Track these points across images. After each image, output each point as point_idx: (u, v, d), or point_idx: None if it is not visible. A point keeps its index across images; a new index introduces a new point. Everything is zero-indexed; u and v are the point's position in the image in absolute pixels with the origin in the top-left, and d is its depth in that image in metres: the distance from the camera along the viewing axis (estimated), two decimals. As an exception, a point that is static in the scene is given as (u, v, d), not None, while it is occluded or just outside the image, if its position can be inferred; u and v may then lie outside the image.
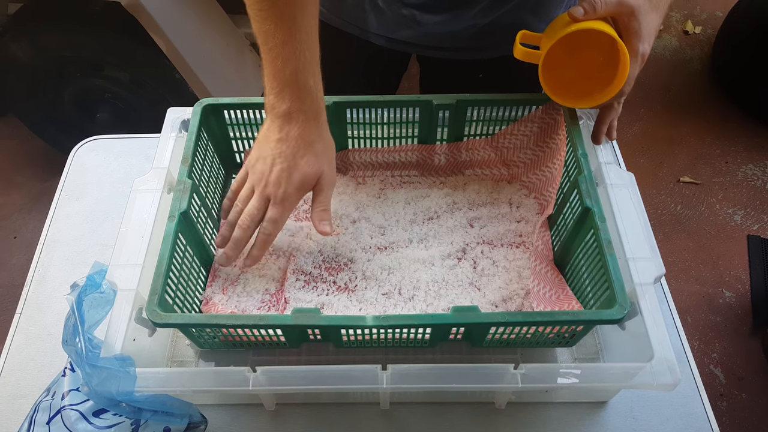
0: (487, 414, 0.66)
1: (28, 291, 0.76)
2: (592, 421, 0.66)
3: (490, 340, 0.63)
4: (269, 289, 0.68)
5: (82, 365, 0.54)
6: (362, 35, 0.84)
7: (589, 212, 0.62)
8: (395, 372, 0.56)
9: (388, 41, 0.83)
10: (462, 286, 0.68)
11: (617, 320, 0.55)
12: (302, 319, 0.55)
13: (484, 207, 0.75)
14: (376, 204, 0.76)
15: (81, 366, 0.54)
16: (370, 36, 0.84)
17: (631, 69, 0.62)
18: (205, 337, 0.61)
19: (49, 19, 1.47)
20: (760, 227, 1.73)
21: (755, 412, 1.40)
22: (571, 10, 0.61)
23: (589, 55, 0.69)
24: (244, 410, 0.66)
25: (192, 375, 0.57)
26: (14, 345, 0.72)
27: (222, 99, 0.72)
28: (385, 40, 0.83)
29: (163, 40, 1.40)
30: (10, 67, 1.55)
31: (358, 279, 0.68)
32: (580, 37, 0.61)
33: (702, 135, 1.96)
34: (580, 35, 0.60)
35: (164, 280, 0.57)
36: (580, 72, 0.69)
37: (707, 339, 1.52)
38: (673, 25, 2.29)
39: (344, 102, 0.72)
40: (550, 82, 0.65)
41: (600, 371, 0.57)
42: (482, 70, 0.87)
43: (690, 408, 0.67)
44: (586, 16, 0.60)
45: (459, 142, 0.77)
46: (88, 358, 0.55)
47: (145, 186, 0.67)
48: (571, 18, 0.61)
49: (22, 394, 0.68)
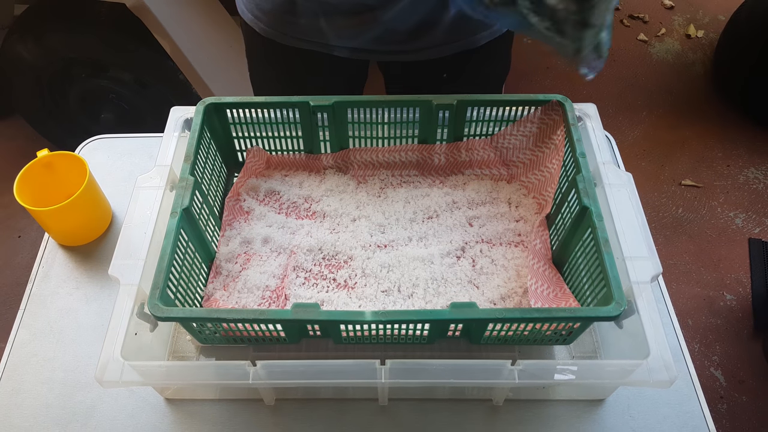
0: (484, 411, 0.67)
1: (31, 287, 0.77)
2: (589, 419, 0.66)
3: (488, 337, 0.63)
4: (270, 285, 0.68)
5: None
6: (321, 49, 0.82)
7: (586, 211, 0.63)
8: (394, 367, 0.56)
9: (349, 51, 0.82)
10: (461, 284, 0.69)
11: (614, 317, 0.56)
12: (302, 313, 0.56)
13: (484, 206, 0.76)
14: (376, 203, 0.77)
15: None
16: (331, 49, 0.82)
17: None
18: (206, 331, 0.62)
19: (55, 20, 1.49)
20: (761, 230, 1.73)
21: (756, 415, 1.40)
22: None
23: None
24: (244, 405, 0.67)
25: (193, 369, 0.58)
26: (17, 340, 0.73)
27: (224, 98, 0.73)
28: (347, 50, 0.82)
29: (167, 41, 1.41)
30: (15, 68, 1.56)
31: (357, 276, 0.69)
32: None
33: (704, 138, 1.96)
34: None
35: (166, 275, 0.58)
36: None
37: (708, 342, 1.52)
38: (675, 28, 2.30)
39: (345, 102, 0.73)
40: None
41: (597, 368, 0.57)
42: (446, 69, 0.86)
43: (687, 406, 0.67)
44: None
45: (459, 142, 0.78)
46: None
47: (147, 183, 0.68)
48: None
49: (24, 389, 0.69)
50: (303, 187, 0.79)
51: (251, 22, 0.84)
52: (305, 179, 0.79)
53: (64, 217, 0.76)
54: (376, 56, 0.84)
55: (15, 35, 1.51)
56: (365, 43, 0.80)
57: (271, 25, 0.82)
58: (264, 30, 0.83)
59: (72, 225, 0.78)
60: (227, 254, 0.71)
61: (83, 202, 0.76)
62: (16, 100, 1.68)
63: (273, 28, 0.82)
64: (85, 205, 0.77)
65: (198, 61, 1.46)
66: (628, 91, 2.07)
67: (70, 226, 0.78)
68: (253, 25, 0.84)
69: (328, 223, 0.75)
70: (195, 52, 1.46)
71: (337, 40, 0.81)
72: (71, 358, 0.71)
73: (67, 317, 0.74)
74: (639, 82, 2.12)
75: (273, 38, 0.83)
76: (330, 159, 0.79)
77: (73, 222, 0.78)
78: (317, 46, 0.82)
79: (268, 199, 0.78)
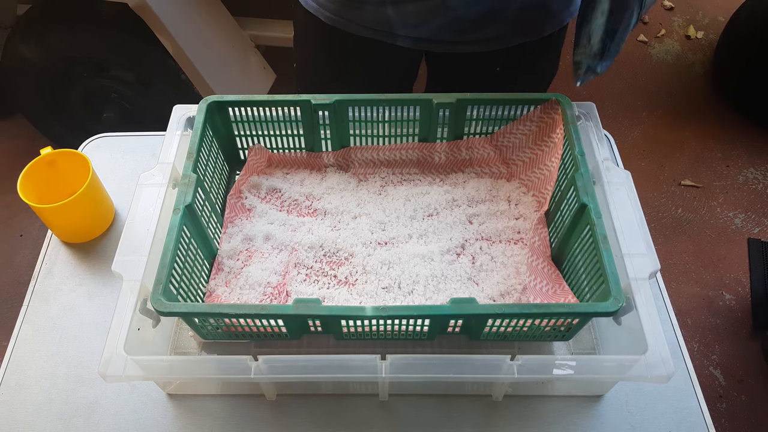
0: (484, 406, 0.67)
1: (35, 284, 0.78)
2: (588, 415, 0.67)
3: (487, 333, 0.64)
4: (271, 282, 0.69)
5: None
6: (385, 38, 0.83)
7: (585, 208, 0.63)
8: (394, 362, 0.57)
9: (413, 41, 0.82)
10: (461, 280, 0.69)
11: (612, 313, 0.56)
12: (303, 308, 0.56)
13: (483, 204, 0.77)
14: (376, 200, 0.77)
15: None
16: (395, 38, 0.82)
17: None
18: (208, 327, 0.63)
19: (58, 20, 1.49)
20: (760, 230, 1.73)
21: (754, 414, 1.41)
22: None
23: None
24: (246, 400, 0.67)
25: (195, 363, 0.58)
26: (21, 336, 0.73)
27: (227, 96, 0.74)
28: (411, 40, 0.82)
29: (169, 41, 1.42)
30: (18, 68, 1.57)
31: (358, 273, 0.70)
32: None
33: (703, 138, 1.97)
34: None
35: (169, 270, 0.58)
36: None
37: (707, 341, 1.53)
38: (675, 29, 2.30)
39: (346, 100, 0.74)
40: None
41: (595, 363, 0.58)
42: (500, 63, 0.86)
43: (685, 402, 0.68)
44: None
45: (459, 140, 0.79)
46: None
47: (150, 180, 0.69)
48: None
49: (28, 384, 0.69)
50: (304, 184, 0.79)
51: (315, 11, 0.84)
52: (306, 177, 0.80)
53: (67, 214, 0.77)
54: (440, 47, 0.83)
55: (17, 35, 1.51)
56: (430, 32, 0.80)
57: (336, 12, 0.82)
58: (329, 18, 0.83)
59: (75, 222, 0.79)
60: (229, 251, 0.71)
61: (86, 199, 0.76)
62: (18, 99, 1.69)
63: (338, 15, 0.83)
64: (88, 202, 0.77)
65: (200, 61, 1.47)
66: (627, 92, 2.08)
67: (73, 223, 0.79)
68: (317, 13, 0.84)
69: (329, 221, 0.75)
70: (197, 52, 1.46)
71: (402, 28, 0.80)
72: (74, 353, 0.71)
73: (70, 313, 0.75)
74: (639, 82, 2.12)
75: (336, 25, 0.83)
76: (331, 157, 0.80)
77: (76, 219, 0.78)
78: (380, 34, 0.82)
79: (270, 197, 0.78)
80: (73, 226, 0.79)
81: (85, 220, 0.80)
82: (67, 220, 0.78)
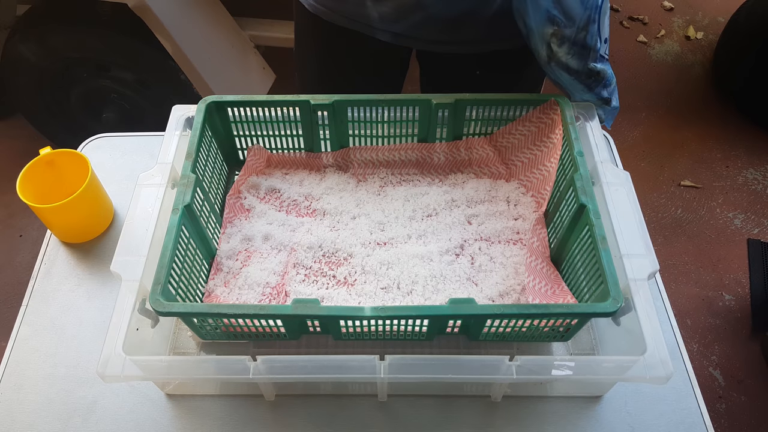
0: (483, 407, 0.67)
1: (33, 284, 0.78)
2: (586, 415, 0.67)
3: (486, 334, 0.64)
4: (270, 282, 0.69)
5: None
6: (365, 31, 0.84)
7: (584, 209, 0.63)
8: (393, 362, 0.57)
9: (392, 36, 0.84)
10: (459, 281, 0.69)
11: (610, 313, 0.56)
12: (302, 309, 0.56)
13: (482, 204, 0.77)
14: (375, 201, 0.77)
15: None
16: (374, 32, 0.84)
17: None
18: (207, 327, 0.63)
19: (57, 20, 1.49)
20: (760, 231, 1.73)
21: (754, 414, 1.41)
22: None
23: None
24: (244, 401, 0.67)
25: (193, 363, 0.58)
26: (20, 337, 0.73)
27: (226, 96, 0.74)
28: (390, 35, 0.83)
29: (168, 41, 1.42)
30: (17, 68, 1.57)
31: (357, 273, 0.70)
32: None
33: (703, 139, 1.97)
34: None
35: (167, 270, 0.58)
36: None
37: (707, 342, 1.53)
38: (675, 30, 2.30)
39: (345, 101, 0.74)
40: None
41: (594, 364, 0.58)
42: (480, 66, 0.88)
43: (684, 403, 0.68)
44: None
45: (458, 140, 0.79)
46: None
47: (149, 181, 0.69)
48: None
49: (26, 385, 0.69)
50: (303, 185, 0.79)
51: (309, 6, 0.87)
52: (305, 177, 0.80)
53: (67, 214, 0.77)
54: (417, 44, 0.85)
55: (17, 35, 1.51)
56: (407, 29, 0.82)
57: (324, 3, 0.84)
58: (312, 6, 0.86)
59: (74, 222, 0.79)
60: (228, 251, 0.71)
61: (85, 199, 0.76)
62: (17, 99, 1.69)
63: (322, 5, 0.85)
64: (87, 202, 0.77)
65: (199, 61, 1.47)
66: (627, 92, 2.08)
67: (72, 223, 0.79)
68: (310, 7, 0.87)
69: (328, 221, 0.75)
70: (196, 52, 1.46)
71: (380, 22, 0.82)
72: (73, 354, 0.71)
73: (69, 314, 0.75)
74: (638, 83, 2.12)
75: (323, 17, 0.85)
76: (330, 157, 0.80)
77: (75, 219, 0.78)
78: (361, 27, 0.84)
79: (269, 197, 0.78)
80: (73, 226, 0.79)
81: (84, 220, 0.80)
82: (66, 220, 0.78)
